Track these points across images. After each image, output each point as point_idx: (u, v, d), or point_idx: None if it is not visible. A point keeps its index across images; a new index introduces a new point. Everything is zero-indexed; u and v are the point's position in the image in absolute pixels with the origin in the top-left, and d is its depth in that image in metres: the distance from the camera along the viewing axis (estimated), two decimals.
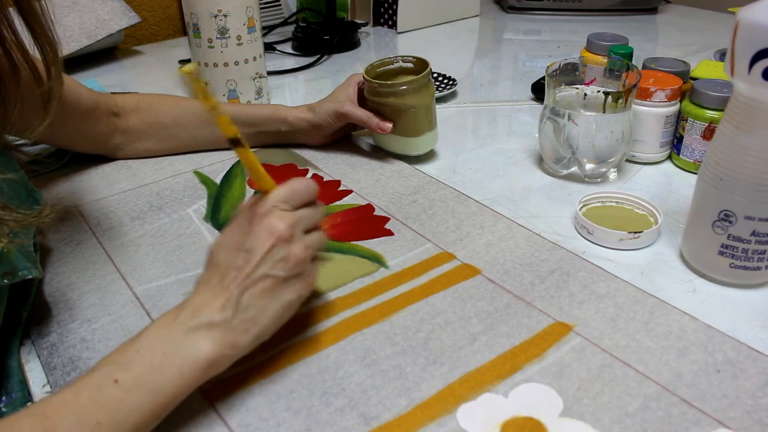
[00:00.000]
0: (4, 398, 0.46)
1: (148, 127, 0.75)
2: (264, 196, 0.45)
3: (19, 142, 0.73)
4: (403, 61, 0.77)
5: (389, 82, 0.72)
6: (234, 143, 0.45)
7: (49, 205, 0.51)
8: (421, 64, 0.76)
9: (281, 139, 0.79)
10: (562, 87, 0.69)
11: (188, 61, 1.06)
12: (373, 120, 0.73)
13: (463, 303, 0.53)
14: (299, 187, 0.46)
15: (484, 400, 0.44)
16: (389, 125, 0.73)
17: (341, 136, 0.81)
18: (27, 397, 0.46)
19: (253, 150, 0.79)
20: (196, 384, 0.40)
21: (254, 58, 0.88)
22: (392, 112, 0.73)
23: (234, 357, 0.41)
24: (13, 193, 0.49)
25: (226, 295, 0.41)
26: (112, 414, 0.36)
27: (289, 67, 1.10)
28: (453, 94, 0.97)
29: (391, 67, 0.78)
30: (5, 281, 0.44)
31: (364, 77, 0.74)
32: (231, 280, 0.42)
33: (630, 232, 0.59)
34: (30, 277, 0.46)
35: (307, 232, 0.45)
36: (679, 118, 0.72)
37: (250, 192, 0.70)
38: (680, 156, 0.73)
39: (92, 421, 0.36)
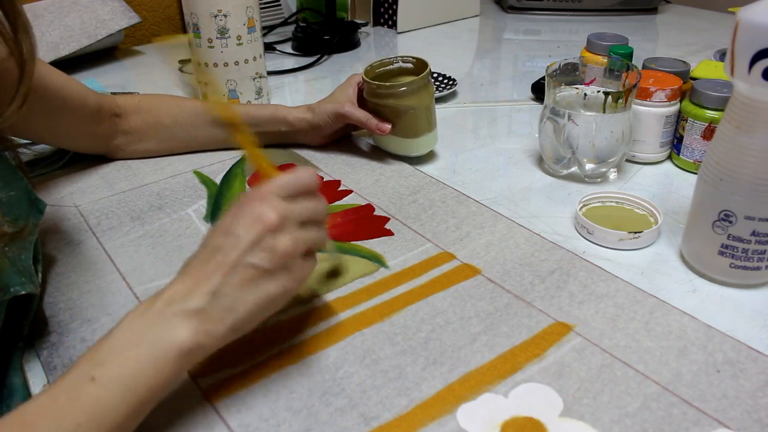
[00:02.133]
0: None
1: (149, 127, 0.75)
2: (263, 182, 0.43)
3: (20, 142, 0.73)
4: (403, 62, 0.77)
5: (388, 84, 0.71)
6: (234, 129, 0.44)
7: (33, 222, 0.51)
8: (420, 65, 0.75)
9: (281, 139, 0.79)
10: (562, 87, 0.69)
11: (188, 61, 1.06)
12: (372, 121, 0.72)
13: (463, 303, 0.53)
14: (300, 177, 0.44)
15: (484, 400, 0.44)
16: (388, 126, 0.72)
17: (341, 136, 0.81)
18: None
19: None
20: (173, 376, 0.38)
21: (254, 58, 0.88)
22: (391, 113, 0.72)
23: (210, 347, 0.40)
24: (13, 202, 0.49)
25: (204, 281, 0.40)
26: (91, 414, 0.35)
27: (289, 67, 1.10)
28: (453, 94, 0.97)
29: (391, 67, 0.77)
30: None
31: (363, 78, 0.73)
32: (213, 266, 0.40)
33: (630, 232, 0.59)
34: (22, 293, 0.45)
35: (304, 225, 0.43)
36: (679, 118, 0.72)
37: None
38: (680, 156, 0.73)
39: (72, 423, 0.35)
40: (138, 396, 0.37)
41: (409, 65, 0.77)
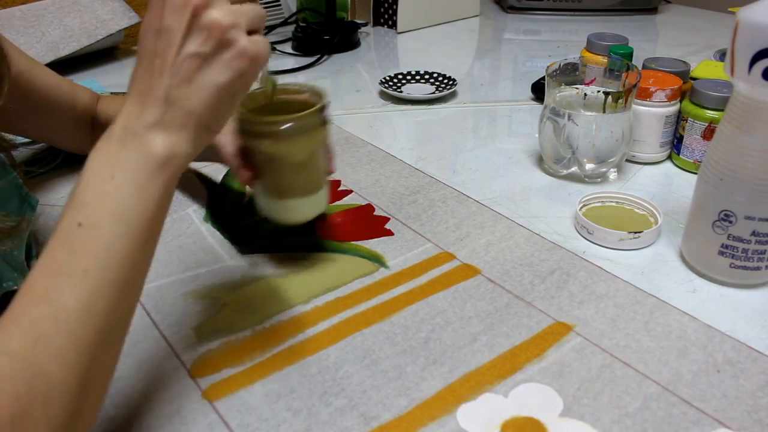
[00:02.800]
0: None
1: None
2: None
3: (16, 142, 0.73)
4: (311, 94, 0.54)
5: (246, 117, 0.51)
6: None
7: (36, 209, 0.51)
8: (317, 102, 0.52)
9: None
10: (562, 87, 0.69)
11: None
12: (235, 163, 0.54)
13: (463, 303, 0.53)
14: None
15: (484, 400, 0.44)
16: (246, 175, 0.53)
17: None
18: None
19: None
20: (161, 193, 0.36)
21: None
22: (257, 157, 0.53)
23: (186, 154, 0.38)
24: (3, 198, 0.49)
25: (151, 92, 0.37)
26: (93, 256, 0.34)
27: (289, 67, 1.10)
28: (453, 94, 0.97)
29: (297, 96, 0.55)
30: None
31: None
32: (156, 71, 0.37)
33: (630, 232, 0.59)
34: (15, 288, 0.44)
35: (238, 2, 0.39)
36: (679, 118, 0.72)
37: (250, 192, 0.70)
38: (680, 156, 0.73)
39: (78, 270, 0.33)
40: (132, 225, 0.35)
41: (316, 99, 0.53)
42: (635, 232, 0.59)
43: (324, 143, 0.54)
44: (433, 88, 0.97)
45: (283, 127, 0.50)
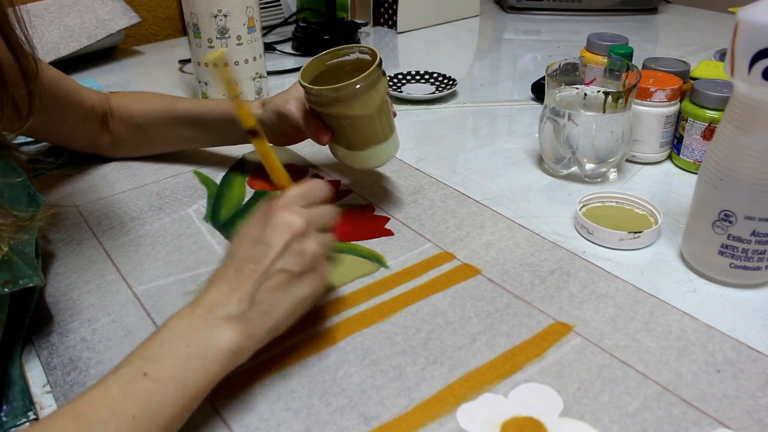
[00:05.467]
0: (5, 407, 0.46)
1: (127, 129, 0.73)
2: (281, 193, 0.46)
3: (18, 141, 0.73)
4: (360, 52, 0.62)
5: (315, 88, 0.57)
6: (252, 134, 0.48)
7: (43, 207, 0.51)
8: (373, 60, 0.59)
9: (240, 139, 0.71)
10: (562, 87, 0.69)
11: (188, 61, 1.06)
12: (310, 127, 0.61)
13: (463, 303, 0.53)
14: (315, 186, 0.47)
15: (484, 400, 0.44)
16: (325, 137, 0.61)
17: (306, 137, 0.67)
18: (28, 405, 0.46)
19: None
20: (220, 374, 0.40)
21: (254, 58, 0.88)
22: (328, 120, 0.60)
23: (252, 348, 0.42)
24: (13, 196, 0.49)
25: (242, 288, 0.42)
26: (145, 407, 0.37)
27: (289, 67, 1.10)
28: (453, 94, 0.97)
29: (347, 58, 0.63)
30: (6, 289, 0.44)
31: (299, 76, 0.59)
32: (248, 274, 0.42)
33: (630, 232, 0.59)
34: (31, 285, 0.45)
35: (320, 230, 0.46)
36: (679, 118, 0.72)
37: (250, 192, 0.70)
38: (680, 156, 0.73)
39: (127, 414, 0.36)
40: (188, 393, 0.39)
41: (366, 56, 0.61)
42: (635, 232, 0.59)
43: (382, 99, 0.59)
44: (433, 88, 0.97)
45: (355, 88, 0.56)
